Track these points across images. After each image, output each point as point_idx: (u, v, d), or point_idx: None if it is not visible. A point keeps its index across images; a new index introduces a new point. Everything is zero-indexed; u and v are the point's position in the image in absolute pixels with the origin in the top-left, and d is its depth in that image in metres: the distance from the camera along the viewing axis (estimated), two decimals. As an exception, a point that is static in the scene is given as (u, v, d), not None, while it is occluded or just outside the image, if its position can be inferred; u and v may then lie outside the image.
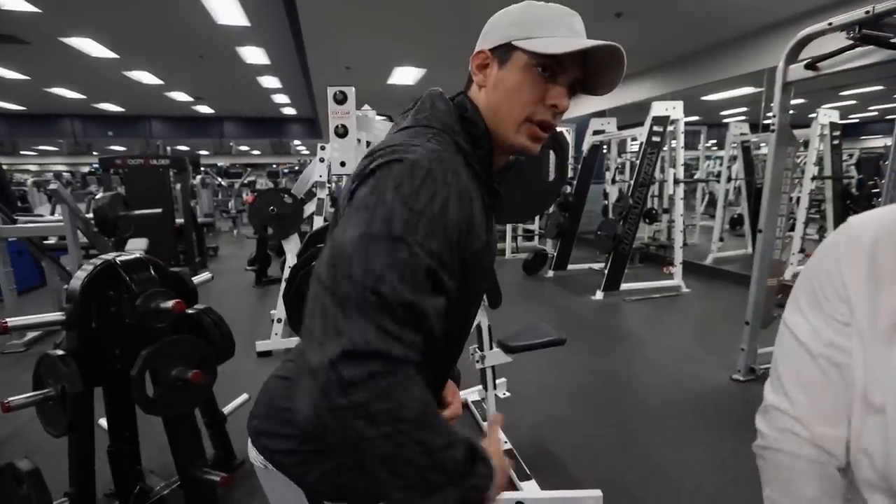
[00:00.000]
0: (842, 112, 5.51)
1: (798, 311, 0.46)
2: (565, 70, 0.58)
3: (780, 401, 0.47)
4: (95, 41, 6.07)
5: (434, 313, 0.47)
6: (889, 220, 0.42)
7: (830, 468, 0.44)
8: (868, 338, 0.41)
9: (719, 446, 2.00)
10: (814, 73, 2.10)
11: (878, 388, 0.41)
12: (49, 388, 1.27)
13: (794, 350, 0.46)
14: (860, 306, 0.41)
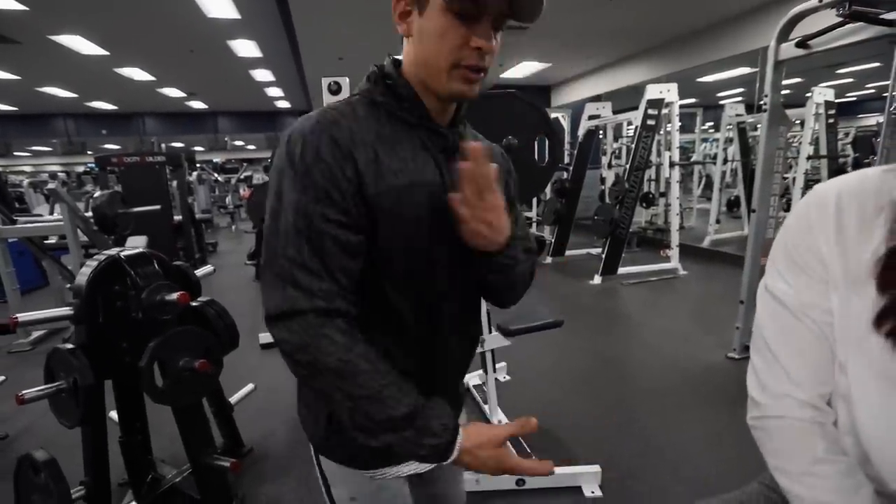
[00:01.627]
0: (839, 90, 5.50)
1: (779, 276, 0.48)
2: (486, 6, 0.55)
3: (771, 366, 0.48)
4: (85, 38, 6.01)
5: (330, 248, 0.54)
6: (850, 183, 0.44)
7: (829, 426, 0.46)
8: (841, 291, 0.43)
9: (715, 423, 2.06)
10: (805, 52, 2.11)
11: (841, 343, 0.44)
12: (61, 381, 1.30)
13: (778, 313, 0.48)
14: (833, 264, 0.44)
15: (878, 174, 0.43)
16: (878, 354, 0.41)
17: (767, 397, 0.49)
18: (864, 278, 0.41)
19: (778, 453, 0.48)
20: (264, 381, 2.40)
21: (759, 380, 0.50)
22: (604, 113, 5.27)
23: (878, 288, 0.40)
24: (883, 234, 0.41)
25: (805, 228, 0.46)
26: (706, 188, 8.27)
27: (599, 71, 7.68)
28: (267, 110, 13.35)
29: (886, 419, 0.42)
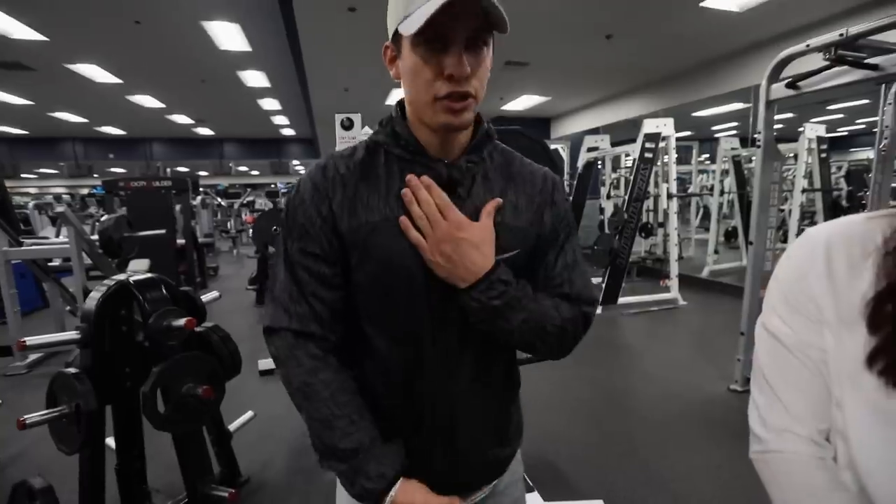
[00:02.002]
0: (830, 125, 5.66)
1: (775, 315, 0.50)
2: (452, 31, 0.53)
3: (773, 403, 0.50)
4: (100, 67, 6.22)
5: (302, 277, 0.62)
6: (839, 228, 0.47)
7: (829, 461, 0.47)
8: (834, 331, 0.46)
9: (717, 455, 2.03)
10: (795, 92, 2.20)
11: (836, 381, 0.46)
12: (63, 406, 1.30)
13: (777, 351, 0.49)
14: (825, 305, 0.46)
15: (862, 220, 0.47)
16: (873, 392, 0.42)
17: (768, 432, 0.50)
18: (856, 319, 0.43)
19: (782, 488, 0.49)
20: (263, 409, 2.38)
21: (760, 415, 0.52)
22: (602, 145, 5.40)
23: (868, 328, 0.42)
24: (871, 277, 0.43)
25: (798, 271, 0.48)
26: (704, 219, 8.37)
27: (598, 105, 7.91)
28: (272, 137, 13.66)
29: (883, 455, 0.43)
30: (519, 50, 5.14)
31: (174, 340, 1.39)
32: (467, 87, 0.56)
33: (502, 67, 5.67)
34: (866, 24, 1.83)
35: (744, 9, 4.00)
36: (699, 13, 4.07)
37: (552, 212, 0.67)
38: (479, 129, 0.65)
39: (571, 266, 0.67)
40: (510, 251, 0.62)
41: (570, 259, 0.67)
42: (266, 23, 4.91)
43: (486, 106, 8.00)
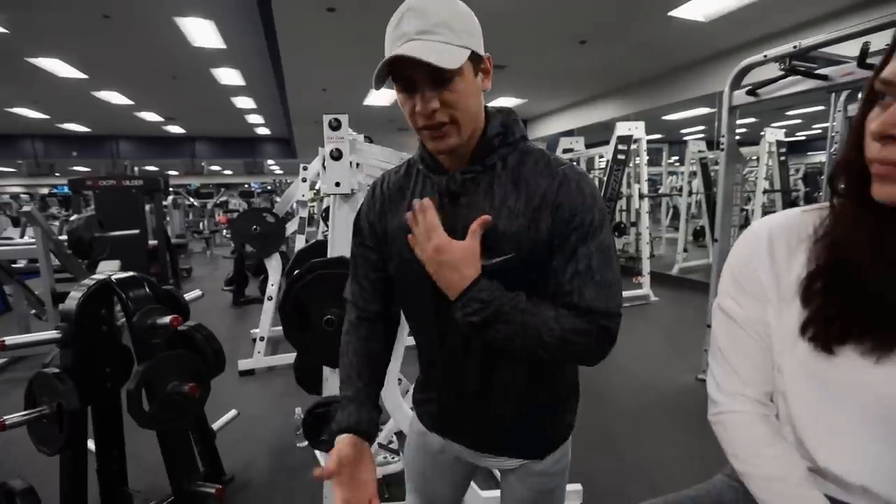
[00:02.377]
0: (789, 130, 5.98)
1: (728, 296, 0.58)
2: (415, 74, 0.59)
3: (726, 370, 0.58)
4: (64, 62, 5.98)
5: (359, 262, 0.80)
6: (779, 220, 0.55)
7: (772, 418, 0.56)
8: (775, 307, 0.53)
9: (688, 440, 2.15)
10: (755, 99, 2.35)
11: (777, 349, 0.53)
12: (44, 406, 1.28)
13: (729, 327, 0.57)
14: (768, 286, 0.54)
15: (798, 213, 0.55)
16: (805, 357, 0.50)
17: (723, 396, 0.58)
18: (792, 296, 0.51)
19: (732, 442, 0.57)
20: (244, 409, 2.36)
21: (716, 382, 0.59)
22: (577, 147, 5.55)
23: (802, 303, 0.50)
24: (804, 260, 0.51)
25: (745, 257, 0.56)
26: (674, 218, 8.69)
27: (572, 108, 8.11)
28: (246, 136, 13.36)
29: (812, 408, 0.51)
30: (497, 53, 5.16)
31: (159, 338, 1.38)
32: (439, 119, 0.62)
33: (480, 70, 5.75)
34: (817, 37, 1.98)
35: (709, 19, 4.20)
36: (668, 22, 4.25)
37: (556, 214, 0.64)
38: (483, 140, 0.67)
39: (584, 274, 0.63)
40: (504, 256, 0.65)
41: (582, 266, 0.63)
42: (241, 20, 4.83)
43: (464, 107, 8.08)
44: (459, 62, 0.59)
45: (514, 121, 0.71)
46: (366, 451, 0.72)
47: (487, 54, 0.66)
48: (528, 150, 0.69)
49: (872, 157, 0.44)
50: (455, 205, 0.68)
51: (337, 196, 1.37)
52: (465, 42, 0.60)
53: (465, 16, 0.62)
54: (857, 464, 0.49)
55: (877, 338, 0.45)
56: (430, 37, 0.58)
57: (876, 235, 0.45)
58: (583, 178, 0.66)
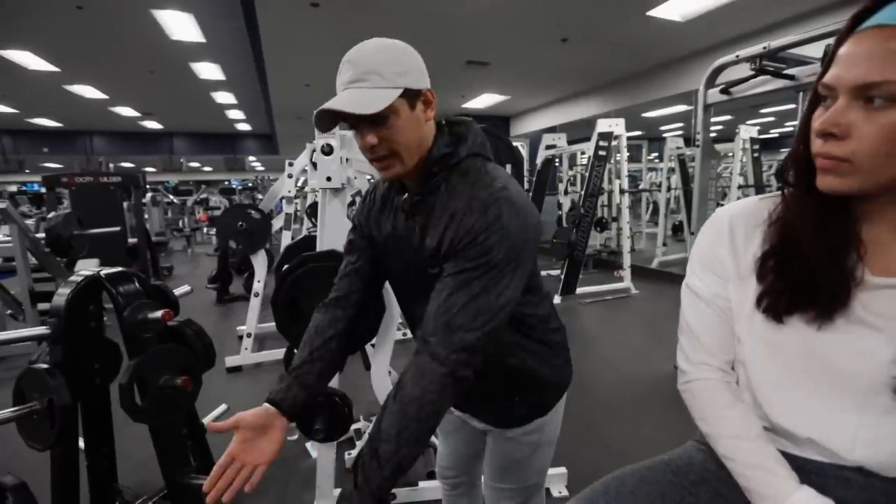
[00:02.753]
0: (763, 127, 6.19)
1: (695, 276, 0.65)
2: (353, 119, 0.68)
3: (693, 342, 0.64)
4: (35, 54, 5.79)
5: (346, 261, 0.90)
6: (739, 207, 0.62)
7: (733, 384, 0.63)
8: (735, 284, 0.60)
9: (666, 425, 2.24)
10: (728, 97, 2.45)
11: (737, 322, 0.60)
12: (34, 402, 1.28)
13: (695, 303, 0.64)
14: (728, 265, 0.60)
15: (756, 201, 0.61)
16: (761, 326, 0.56)
17: (690, 366, 0.65)
18: (750, 274, 0.58)
19: (698, 407, 0.63)
20: (232, 405, 2.37)
21: (684, 354, 0.66)
22: (560, 143, 5.64)
23: (757, 280, 0.57)
24: (760, 242, 0.58)
25: (709, 240, 0.63)
26: (653, 214, 8.89)
27: (555, 104, 8.21)
28: (227, 132, 13.12)
29: (769, 373, 0.57)
30: (480, 50, 5.28)
31: (150, 333, 1.39)
32: (379, 153, 0.70)
33: (464, 66, 5.79)
34: (785, 38, 2.08)
35: (686, 19, 4.32)
36: (646, 21, 4.36)
37: (453, 237, 0.68)
38: (426, 164, 0.73)
39: (444, 306, 0.66)
40: (434, 269, 0.71)
41: (443, 297, 0.66)
42: (221, 14, 4.76)
43: (448, 103, 8.11)
44: (384, 104, 0.65)
45: (464, 136, 0.75)
46: (276, 424, 0.76)
47: (427, 88, 0.72)
48: (468, 171, 0.73)
49: (816, 152, 0.50)
50: (413, 221, 0.77)
51: (327, 191, 1.40)
52: (394, 83, 0.67)
53: (396, 59, 0.68)
54: (805, 419, 0.55)
55: (818, 308, 0.52)
56: (360, 84, 0.66)
57: (818, 220, 0.52)
58: (496, 202, 0.66)
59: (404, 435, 0.62)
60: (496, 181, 0.70)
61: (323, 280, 1.42)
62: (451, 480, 1.13)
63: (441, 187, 0.73)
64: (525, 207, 0.69)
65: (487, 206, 0.66)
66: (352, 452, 1.94)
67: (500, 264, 0.65)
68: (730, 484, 0.59)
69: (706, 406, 0.62)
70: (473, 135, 0.76)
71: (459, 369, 0.64)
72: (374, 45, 0.68)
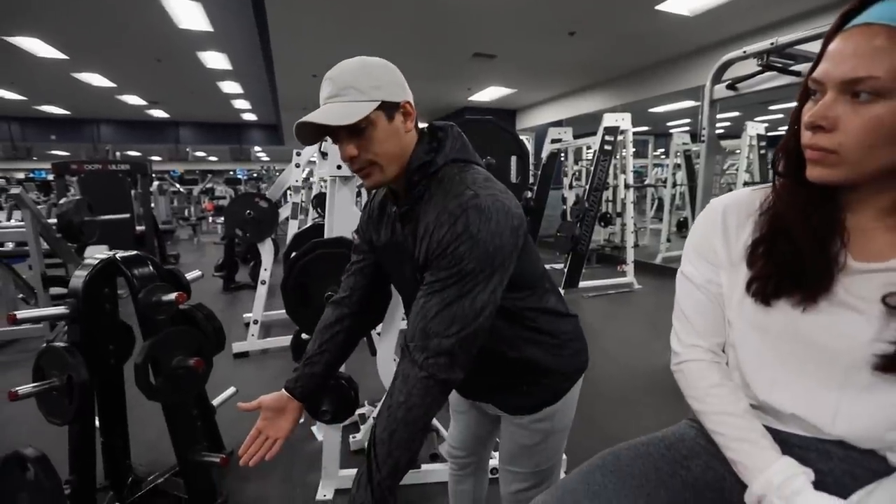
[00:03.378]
0: (771, 124, 6.15)
1: (689, 263, 0.68)
2: (334, 130, 0.73)
3: (685, 326, 0.68)
4: (44, 41, 5.82)
5: (352, 260, 0.97)
6: (732, 198, 0.65)
7: (723, 365, 0.66)
8: (726, 271, 0.63)
9: (666, 417, 2.26)
10: (734, 93, 2.45)
11: (728, 305, 0.63)
12: (53, 379, 1.33)
13: (689, 289, 0.67)
14: (720, 252, 0.63)
15: (748, 192, 0.64)
16: (750, 311, 0.60)
17: (682, 347, 0.68)
18: (741, 260, 0.61)
19: (689, 385, 0.66)
20: (240, 389, 2.42)
21: (677, 337, 0.69)
22: (565, 137, 5.64)
23: (747, 266, 0.60)
24: (750, 231, 0.61)
25: (703, 229, 0.66)
26: (658, 210, 8.87)
27: (561, 98, 8.18)
28: (232, 122, 13.14)
29: (757, 354, 0.61)
30: (487, 42, 5.26)
31: (163, 315, 1.44)
32: (358, 164, 0.74)
33: (471, 58, 5.78)
34: (793, 35, 2.08)
35: (694, 13, 4.30)
36: (655, 15, 4.34)
37: (427, 249, 0.71)
38: (407, 174, 0.76)
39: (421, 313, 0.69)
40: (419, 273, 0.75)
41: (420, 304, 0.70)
42: (229, 3, 4.77)
43: (454, 96, 8.10)
44: (359, 116, 0.69)
45: (442, 143, 0.77)
46: (291, 406, 0.91)
47: (406, 100, 0.75)
48: (444, 178, 0.75)
49: (805, 144, 0.53)
50: (406, 230, 0.80)
51: (337, 179, 1.43)
52: (371, 96, 0.70)
53: (372, 74, 0.72)
54: (790, 396, 0.59)
55: (803, 292, 0.55)
56: (338, 98, 0.70)
57: (806, 208, 0.55)
58: (464, 212, 0.67)
59: (395, 438, 0.67)
60: (467, 189, 0.70)
61: (331, 266, 1.47)
62: (460, 460, 1.17)
63: (424, 196, 0.76)
64: (498, 212, 0.68)
65: (456, 217, 0.68)
66: (356, 436, 1.99)
67: (473, 272, 0.67)
68: (719, 458, 0.63)
69: (696, 385, 0.65)
70: (452, 140, 0.78)
71: (439, 372, 0.68)
72: (352, 63, 0.72)
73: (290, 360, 2.35)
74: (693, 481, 0.64)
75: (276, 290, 1.92)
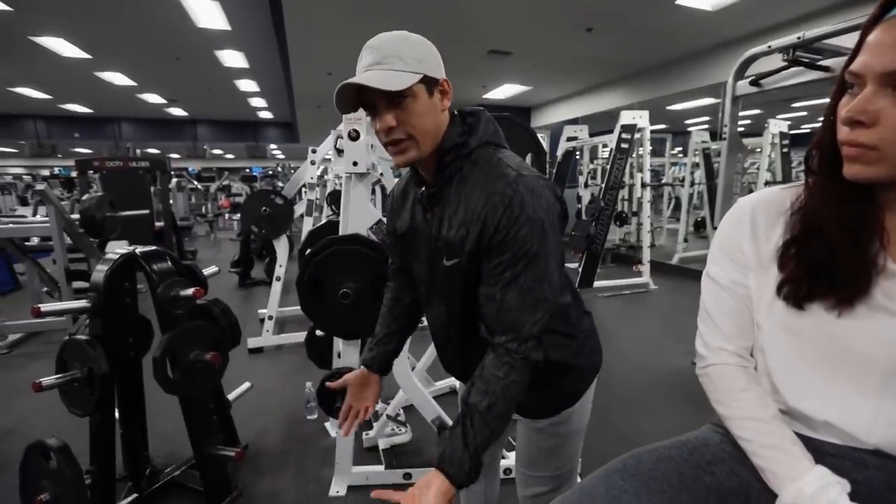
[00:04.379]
0: (794, 122, 5.99)
1: (715, 264, 0.66)
2: (373, 99, 0.70)
3: (711, 329, 0.66)
4: (68, 41, 5.96)
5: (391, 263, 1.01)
6: (761, 197, 0.62)
7: (751, 369, 0.63)
8: (755, 272, 0.60)
9: (682, 421, 2.23)
10: (758, 89, 2.38)
11: (757, 308, 0.60)
12: (75, 371, 1.36)
13: (715, 290, 0.65)
14: (749, 253, 0.61)
15: (777, 191, 0.61)
16: (781, 314, 0.57)
17: (708, 351, 0.66)
18: (771, 262, 0.58)
19: (715, 389, 0.64)
20: (255, 384, 2.45)
21: (702, 340, 0.67)
22: (581, 135, 5.57)
23: (778, 268, 0.57)
24: (781, 231, 0.58)
25: (731, 229, 0.63)
26: (675, 209, 8.71)
27: (577, 96, 8.08)
28: (249, 120, 13.32)
29: (788, 358, 0.58)
30: (502, 39, 5.22)
31: (181, 309, 1.46)
32: (395, 136, 0.72)
33: (486, 55, 5.74)
34: (821, 28, 2.01)
35: (716, 8, 4.20)
36: (675, 10, 4.25)
37: (482, 228, 0.70)
38: (438, 155, 0.75)
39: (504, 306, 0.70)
40: (453, 260, 0.75)
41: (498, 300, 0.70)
42: (246, 2, 4.82)
43: (469, 93, 8.06)
44: (405, 84, 0.68)
45: (474, 127, 0.76)
46: (371, 379, 0.97)
47: (444, 77, 0.74)
48: (479, 160, 0.74)
49: (842, 140, 0.50)
50: (431, 213, 0.79)
51: (352, 176, 1.43)
52: (414, 68, 0.69)
53: (415, 47, 0.71)
54: (823, 403, 0.56)
55: (838, 295, 0.52)
56: (381, 66, 0.68)
57: (842, 207, 0.52)
58: (517, 193, 0.68)
59: (493, 411, 0.69)
60: (510, 170, 0.71)
61: (346, 262, 1.47)
62: None
63: (455, 178, 0.75)
64: (545, 190, 0.71)
65: (510, 199, 0.68)
66: (369, 433, 2.00)
67: (539, 254, 0.69)
68: (745, 464, 0.60)
69: (722, 389, 0.63)
70: (485, 123, 0.77)
71: (532, 354, 0.71)
72: (394, 34, 0.71)
73: (305, 356, 2.36)
74: (717, 487, 0.62)
75: (291, 286, 1.93)
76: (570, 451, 0.95)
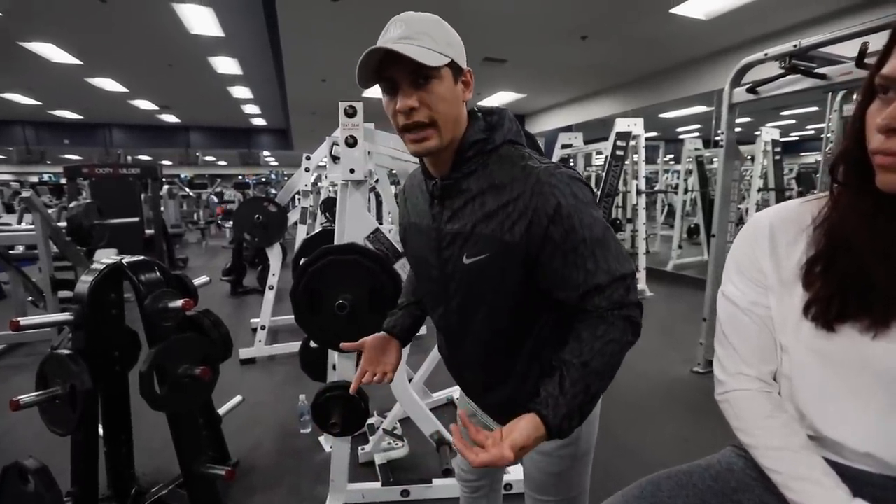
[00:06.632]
0: (783, 130, 6.05)
1: (730, 283, 0.62)
2: (396, 75, 0.64)
3: (729, 352, 0.62)
4: (58, 47, 5.89)
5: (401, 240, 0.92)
6: (779, 212, 0.59)
7: (775, 395, 0.60)
8: (777, 293, 0.57)
9: (682, 428, 2.20)
10: (755, 97, 2.39)
11: (781, 330, 0.57)
12: (56, 387, 1.29)
13: (732, 311, 0.61)
14: (769, 271, 0.58)
15: (797, 205, 0.58)
16: (809, 335, 0.54)
17: (727, 376, 0.62)
18: (794, 281, 0.55)
19: (737, 416, 0.60)
20: (246, 396, 2.38)
21: (721, 364, 0.63)
22: (576, 143, 5.58)
23: (804, 286, 0.54)
24: (804, 247, 0.55)
25: (748, 247, 0.60)
26: (669, 216, 8.76)
27: (571, 103, 8.13)
28: (242, 127, 13.25)
29: (817, 383, 0.55)
30: (497, 47, 5.23)
31: (170, 321, 1.40)
32: (417, 118, 0.66)
33: (481, 63, 5.75)
34: (817, 37, 2.02)
35: (710, 17, 4.24)
36: (669, 19, 4.28)
37: (532, 220, 0.66)
38: (460, 147, 0.71)
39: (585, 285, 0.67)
40: (479, 256, 0.70)
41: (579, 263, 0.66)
42: (241, 9, 4.79)
43: (462, 101, 8.07)
44: (438, 62, 0.63)
45: (499, 123, 0.73)
46: (392, 344, 0.93)
47: (468, 68, 0.71)
48: (507, 155, 0.71)
49: (876, 149, 0.47)
50: (442, 207, 0.75)
51: (349, 183, 1.39)
52: (444, 51, 0.65)
53: (447, 30, 0.68)
54: (856, 430, 0.52)
55: (873, 315, 0.49)
56: (411, 42, 0.63)
57: (872, 220, 0.49)
58: (560, 179, 0.66)
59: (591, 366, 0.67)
60: (547, 162, 0.69)
61: (343, 273, 1.42)
62: (472, 483, 1.11)
63: (475, 172, 0.71)
64: (578, 177, 0.70)
65: (560, 188, 0.65)
66: (365, 447, 1.94)
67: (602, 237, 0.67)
68: (773, 492, 0.57)
69: (745, 417, 0.59)
70: (509, 122, 0.74)
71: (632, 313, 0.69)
72: (424, 14, 0.67)
73: (298, 367, 2.30)
74: None
75: (284, 295, 1.88)
76: (578, 473, 0.91)
